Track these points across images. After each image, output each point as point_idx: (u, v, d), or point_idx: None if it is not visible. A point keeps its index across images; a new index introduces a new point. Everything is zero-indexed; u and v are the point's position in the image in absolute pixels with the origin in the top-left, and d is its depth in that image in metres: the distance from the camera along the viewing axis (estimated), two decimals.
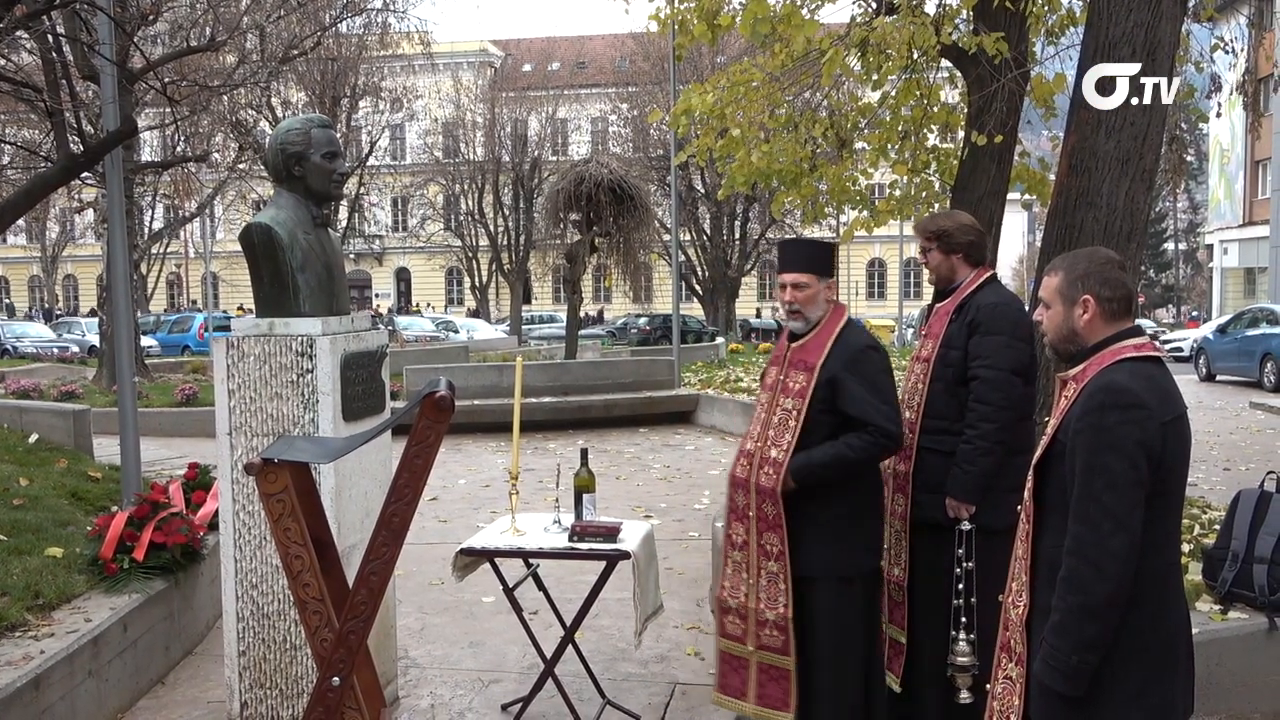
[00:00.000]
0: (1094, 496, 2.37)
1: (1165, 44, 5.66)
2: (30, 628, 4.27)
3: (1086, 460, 2.40)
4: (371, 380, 4.42)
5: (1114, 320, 2.56)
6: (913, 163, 8.52)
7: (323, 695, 2.92)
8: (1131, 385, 2.42)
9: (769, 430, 3.69)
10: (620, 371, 15.80)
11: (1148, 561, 2.39)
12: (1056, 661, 2.41)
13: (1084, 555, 2.37)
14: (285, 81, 25.82)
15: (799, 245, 3.92)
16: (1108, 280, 2.58)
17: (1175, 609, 2.50)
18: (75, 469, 7.56)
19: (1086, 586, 2.36)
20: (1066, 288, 2.60)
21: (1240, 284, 39.59)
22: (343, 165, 4.42)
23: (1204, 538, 5.13)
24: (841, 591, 3.63)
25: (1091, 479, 2.38)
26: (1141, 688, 2.42)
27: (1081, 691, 2.40)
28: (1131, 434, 2.37)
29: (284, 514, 2.91)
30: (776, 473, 3.61)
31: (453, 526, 8.08)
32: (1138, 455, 2.36)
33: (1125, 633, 2.40)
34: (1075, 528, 2.40)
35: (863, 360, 3.64)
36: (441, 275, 57.29)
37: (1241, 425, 14.16)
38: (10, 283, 60.45)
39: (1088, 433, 2.41)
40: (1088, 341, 2.57)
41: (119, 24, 7.54)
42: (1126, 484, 2.36)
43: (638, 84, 36.55)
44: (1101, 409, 2.41)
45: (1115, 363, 2.49)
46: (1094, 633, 2.37)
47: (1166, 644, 2.45)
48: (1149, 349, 2.52)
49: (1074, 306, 2.58)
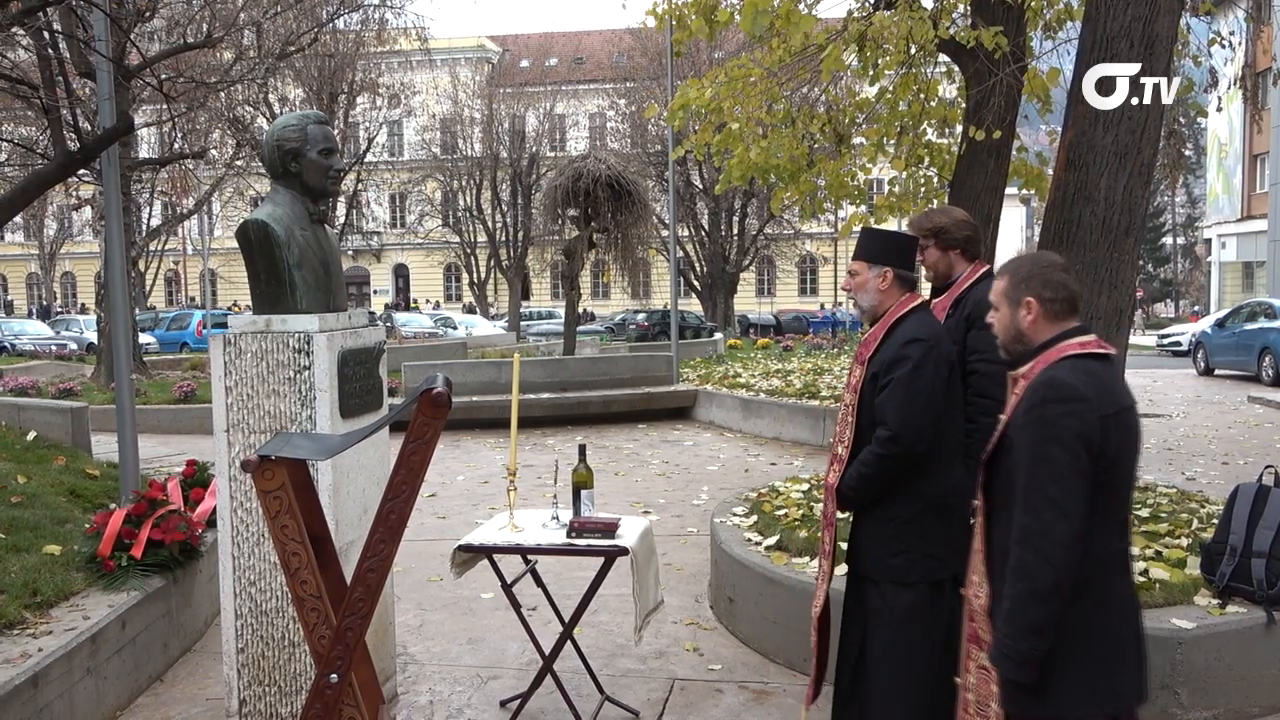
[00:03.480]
0: (1038, 487, 2.48)
1: (1163, 38, 5.65)
2: (28, 625, 4.27)
3: (1030, 452, 2.51)
4: (369, 377, 4.42)
5: (1058, 320, 2.67)
6: (908, 157, 8.51)
7: (321, 692, 2.92)
8: (1071, 380, 2.53)
9: (840, 427, 3.64)
10: (619, 367, 15.81)
11: (1095, 548, 2.49)
12: (1007, 648, 2.51)
13: (1030, 543, 2.48)
14: (282, 78, 25.77)
15: (861, 234, 3.84)
16: (1049, 282, 2.68)
17: (1123, 596, 2.60)
18: (73, 466, 7.56)
19: (1033, 573, 2.47)
20: (1011, 290, 2.72)
21: (1238, 278, 39.61)
22: (339, 161, 4.41)
23: (1202, 532, 5.13)
24: (896, 595, 3.43)
25: (1035, 470, 2.49)
26: (1093, 672, 2.51)
27: (1032, 679, 2.50)
28: (1072, 426, 2.47)
29: (281, 511, 2.91)
30: (840, 469, 3.55)
31: (451, 523, 8.08)
32: (1078, 446, 2.46)
33: (1075, 617, 2.49)
34: (1021, 518, 2.51)
35: (900, 357, 3.42)
36: (440, 271, 57.26)
37: (1240, 419, 14.18)
38: (8, 280, 60.39)
39: (1031, 426, 2.53)
40: (1034, 341, 2.68)
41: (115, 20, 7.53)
42: (1068, 474, 2.46)
43: (635, 79, 36.50)
44: (1043, 403, 2.53)
45: (1058, 360, 2.60)
46: (1041, 617, 2.46)
47: (1115, 630, 2.55)
48: (1093, 346, 2.63)
49: (1018, 308, 2.70)
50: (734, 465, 10.84)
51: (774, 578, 5.10)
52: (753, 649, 5.23)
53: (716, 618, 5.73)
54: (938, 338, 3.45)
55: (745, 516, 6.14)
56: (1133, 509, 2.75)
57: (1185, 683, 4.11)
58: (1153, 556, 4.74)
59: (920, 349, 3.40)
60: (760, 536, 5.67)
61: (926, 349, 3.40)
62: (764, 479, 9.05)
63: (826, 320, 40.88)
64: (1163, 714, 4.11)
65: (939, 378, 3.39)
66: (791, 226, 35.90)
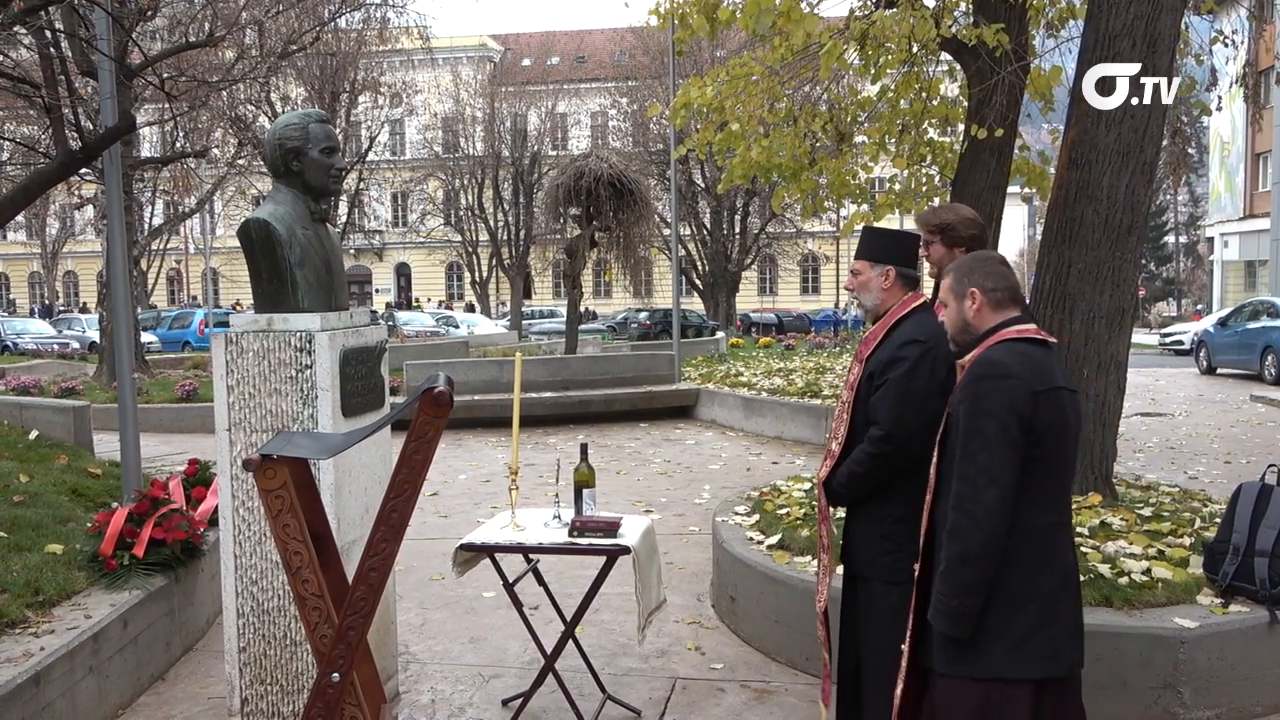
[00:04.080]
0: (971, 457, 2.68)
1: (1165, 37, 5.64)
2: (30, 624, 4.27)
3: (965, 426, 2.72)
4: (370, 376, 4.42)
5: (1000, 309, 2.88)
6: (910, 155, 8.51)
7: (323, 691, 2.92)
8: (1004, 359, 2.75)
9: (835, 424, 3.65)
10: (620, 366, 15.80)
11: (1027, 519, 2.68)
12: (942, 605, 2.70)
13: (963, 509, 2.68)
14: (284, 77, 25.81)
15: (863, 233, 3.84)
16: (990, 274, 2.90)
17: (1059, 566, 2.74)
18: (75, 465, 7.56)
19: (964, 536, 2.66)
20: (956, 285, 2.93)
21: (1241, 277, 39.58)
22: (341, 160, 4.41)
23: (1205, 531, 5.12)
24: (884, 594, 3.44)
25: (970, 442, 2.70)
26: (1024, 635, 2.67)
27: (966, 633, 2.69)
28: (1003, 400, 2.67)
29: (283, 510, 2.91)
30: (831, 464, 3.57)
31: (453, 522, 8.08)
32: (1009, 419, 2.66)
33: (1008, 585, 2.68)
34: (957, 486, 2.71)
35: (896, 357, 3.42)
36: (442, 270, 57.30)
37: (1242, 418, 14.16)
38: (10, 279, 60.46)
39: (966, 402, 2.74)
40: (979, 330, 2.89)
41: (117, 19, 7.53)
42: (999, 445, 2.65)
43: (637, 78, 36.50)
44: (978, 380, 2.74)
45: (996, 342, 2.82)
46: (972, 577, 2.66)
47: (1049, 597, 2.70)
48: (1031, 333, 2.83)
49: (964, 300, 2.91)
50: (736, 464, 10.84)
51: (776, 577, 5.09)
52: (755, 648, 5.23)
53: (718, 617, 5.72)
54: (937, 339, 3.42)
55: (747, 515, 6.14)
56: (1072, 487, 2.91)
57: (1188, 682, 4.10)
58: (1156, 555, 4.74)
59: (918, 350, 3.40)
60: (762, 535, 5.66)
61: (924, 350, 3.40)
62: (766, 478, 9.05)
63: (828, 318, 40.85)
64: (1165, 713, 4.11)
65: (935, 379, 3.38)
66: (793, 225, 35.88)
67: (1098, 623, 4.18)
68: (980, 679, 2.69)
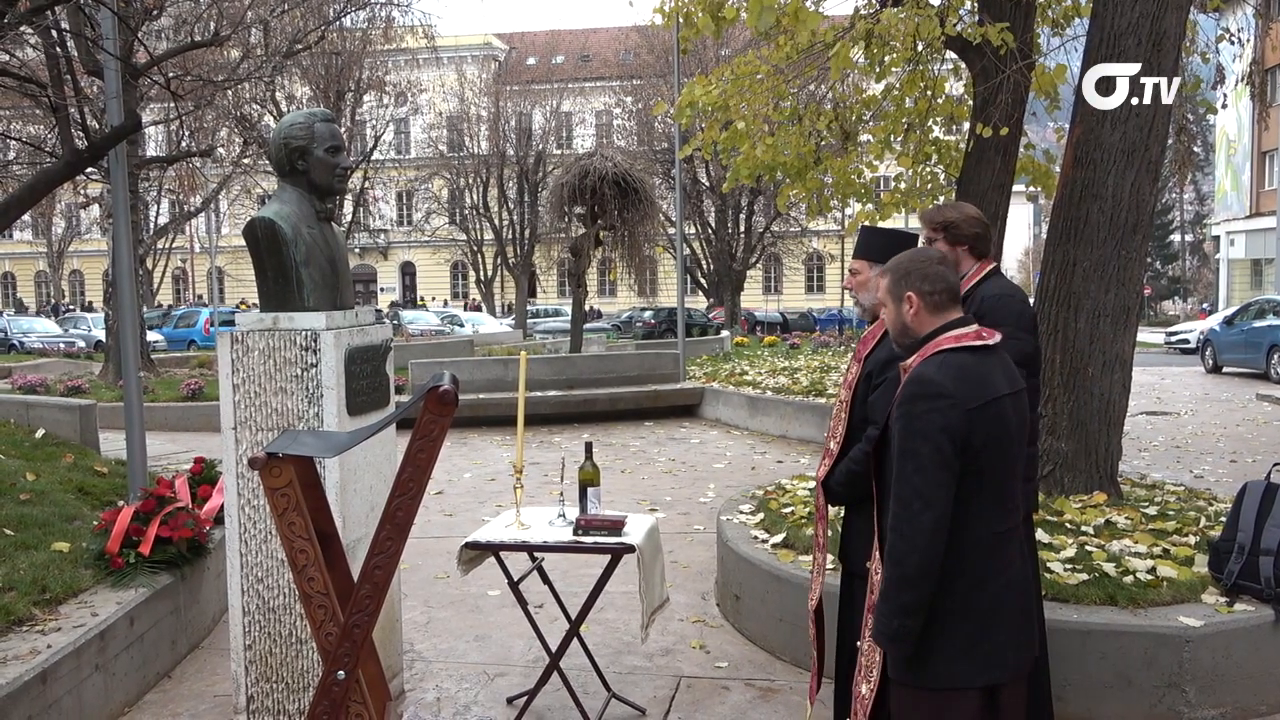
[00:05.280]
0: (906, 479, 2.65)
1: (1171, 35, 5.63)
2: (37, 622, 4.28)
3: (899, 446, 2.68)
4: (376, 374, 4.42)
5: (939, 311, 2.80)
6: (914, 154, 8.50)
7: (328, 689, 2.92)
8: (936, 377, 2.67)
9: (834, 423, 3.66)
10: (625, 365, 15.81)
11: (969, 533, 2.66)
12: (883, 625, 2.70)
13: (899, 531, 2.65)
14: (289, 76, 25.83)
15: (861, 232, 3.85)
16: (928, 276, 2.82)
17: (1005, 572, 2.72)
18: (81, 464, 7.58)
19: (901, 559, 2.64)
20: (893, 287, 2.86)
21: (1247, 275, 39.48)
22: (346, 159, 4.42)
23: (1210, 530, 5.12)
24: None
25: (904, 463, 2.66)
26: (968, 642, 2.68)
27: (907, 653, 2.68)
28: (935, 421, 2.62)
29: (288, 508, 2.91)
30: (829, 463, 3.57)
31: (458, 520, 8.09)
32: (942, 440, 2.61)
33: (951, 597, 2.66)
34: (894, 506, 2.69)
35: (895, 356, 3.35)
36: (446, 269, 57.33)
37: (1248, 417, 14.13)
38: (17, 278, 60.61)
39: (900, 421, 2.70)
40: (919, 333, 2.82)
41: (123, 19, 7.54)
42: (933, 466, 2.61)
43: (642, 77, 36.51)
44: (911, 400, 2.68)
45: (932, 354, 2.74)
46: (910, 599, 2.64)
47: (991, 608, 2.69)
48: (970, 339, 2.75)
49: (901, 303, 2.84)
50: (740, 463, 10.84)
51: (780, 575, 5.10)
52: (759, 646, 5.23)
53: (723, 615, 5.73)
54: None
55: (752, 514, 6.14)
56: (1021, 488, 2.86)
57: (1193, 681, 4.10)
58: (1161, 554, 4.73)
59: None
60: (767, 534, 5.67)
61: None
62: (770, 476, 9.05)
63: (833, 317, 40.81)
64: (1170, 712, 4.11)
65: None
66: (798, 224, 35.86)
67: (1102, 621, 4.19)
68: (928, 688, 2.71)
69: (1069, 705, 4.11)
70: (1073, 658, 4.15)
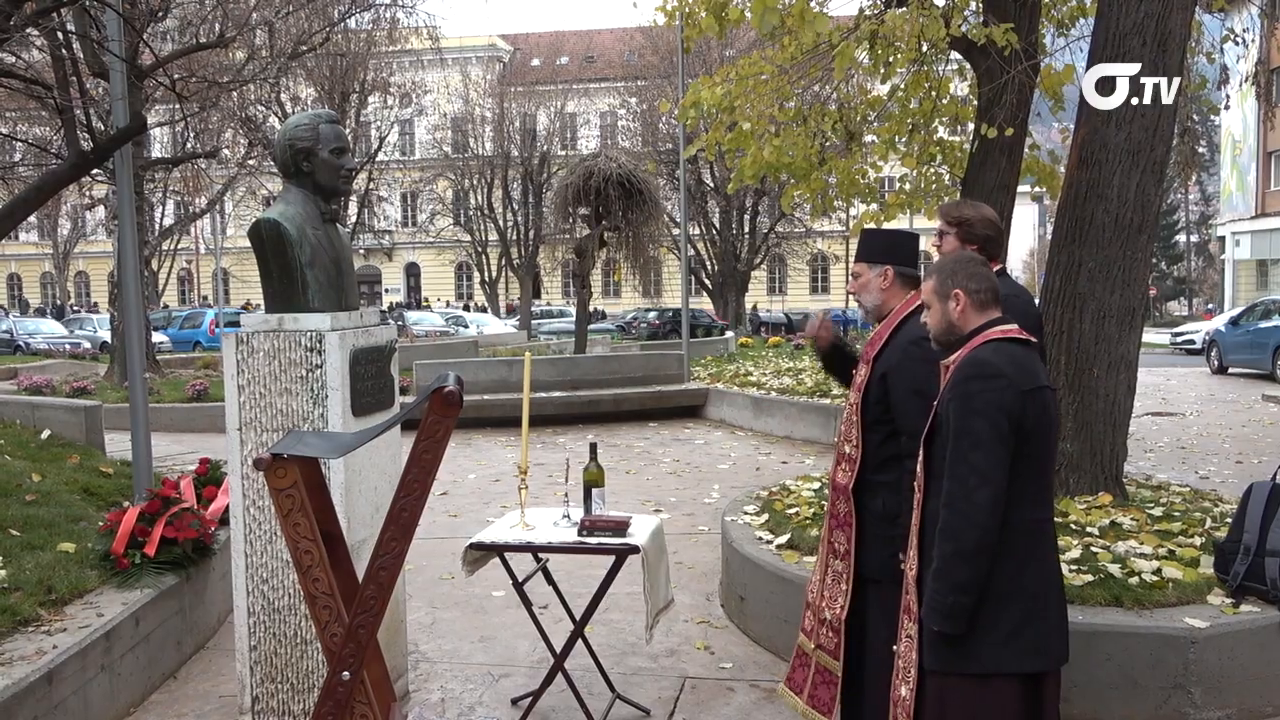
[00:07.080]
0: (963, 456, 2.72)
1: (1176, 35, 5.62)
2: (43, 622, 4.29)
3: (956, 426, 2.75)
4: (380, 375, 4.43)
5: (983, 309, 2.94)
6: (919, 155, 8.49)
7: (333, 689, 2.93)
8: (993, 359, 2.80)
9: (845, 426, 3.62)
10: (629, 366, 15.81)
11: (1015, 514, 2.72)
12: (936, 603, 2.74)
13: (955, 508, 2.71)
14: (294, 77, 25.83)
15: (861, 234, 3.84)
16: (973, 275, 2.96)
17: (1044, 562, 2.81)
18: (87, 465, 7.60)
19: (958, 534, 2.70)
20: (939, 286, 2.98)
21: (1252, 276, 39.39)
22: (351, 160, 4.43)
23: (1215, 531, 5.10)
24: (896, 594, 3.34)
25: (960, 441, 2.73)
26: (1013, 630, 2.73)
27: (961, 630, 2.72)
28: (993, 400, 2.72)
29: (293, 509, 2.92)
30: (851, 469, 3.52)
31: (462, 521, 8.10)
32: (999, 418, 2.71)
33: (997, 580, 2.72)
34: (948, 485, 2.74)
35: (907, 355, 3.40)
36: (451, 270, 57.37)
37: (1254, 418, 14.10)
38: (22, 279, 60.75)
39: (956, 401, 2.78)
40: (963, 330, 2.94)
41: (128, 20, 7.55)
42: (990, 443, 2.70)
43: (646, 78, 36.46)
44: (967, 380, 2.79)
45: (983, 343, 2.87)
46: (967, 575, 2.70)
47: (1035, 592, 2.76)
48: (1014, 333, 2.88)
49: (948, 301, 2.96)
50: (745, 463, 10.83)
51: (785, 576, 5.09)
52: (764, 647, 5.23)
53: (728, 616, 5.73)
54: None
55: (757, 515, 6.14)
56: (1054, 483, 3.05)
57: (1198, 682, 4.09)
58: (1166, 555, 4.72)
59: (924, 349, 3.37)
60: (771, 535, 5.66)
61: (929, 349, 3.37)
62: (775, 477, 9.04)
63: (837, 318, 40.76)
64: (1176, 713, 4.10)
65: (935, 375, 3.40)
66: (803, 225, 35.83)
67: (1108, 622, 4.18)
68: (969, 674, 2.74)
69: (1074, 706, 4.09)
70: (1078, 659, 4.13)
